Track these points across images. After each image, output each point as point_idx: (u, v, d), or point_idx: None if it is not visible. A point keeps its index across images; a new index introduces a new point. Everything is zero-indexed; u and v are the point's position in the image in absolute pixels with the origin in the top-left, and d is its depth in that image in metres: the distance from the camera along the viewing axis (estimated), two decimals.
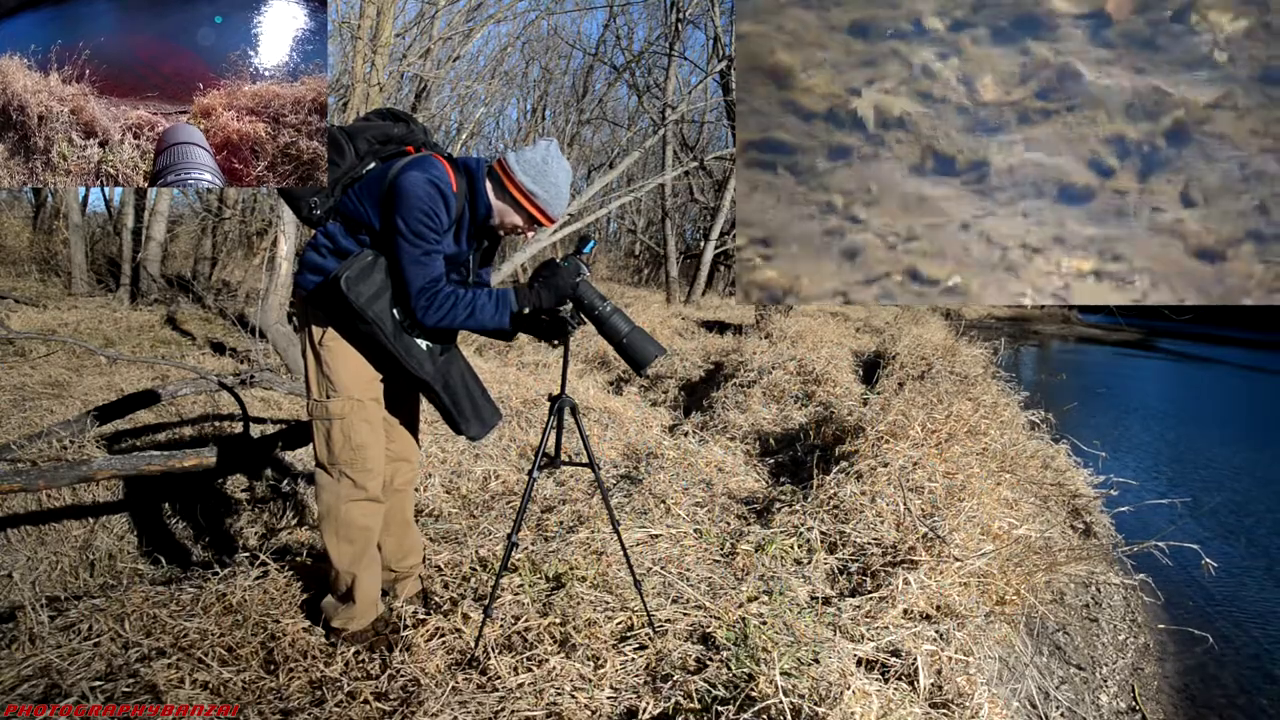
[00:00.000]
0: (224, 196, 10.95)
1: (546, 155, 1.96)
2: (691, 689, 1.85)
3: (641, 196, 15.73)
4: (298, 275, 2.03)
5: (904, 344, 7.22)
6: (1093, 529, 4.00)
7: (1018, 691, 2.45)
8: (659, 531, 2.89)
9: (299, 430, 3.34)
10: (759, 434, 4.67)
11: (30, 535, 3.16)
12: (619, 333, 1.97)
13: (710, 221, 14.82)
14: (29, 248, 11.38)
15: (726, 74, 10.81)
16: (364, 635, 2.11)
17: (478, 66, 13.06)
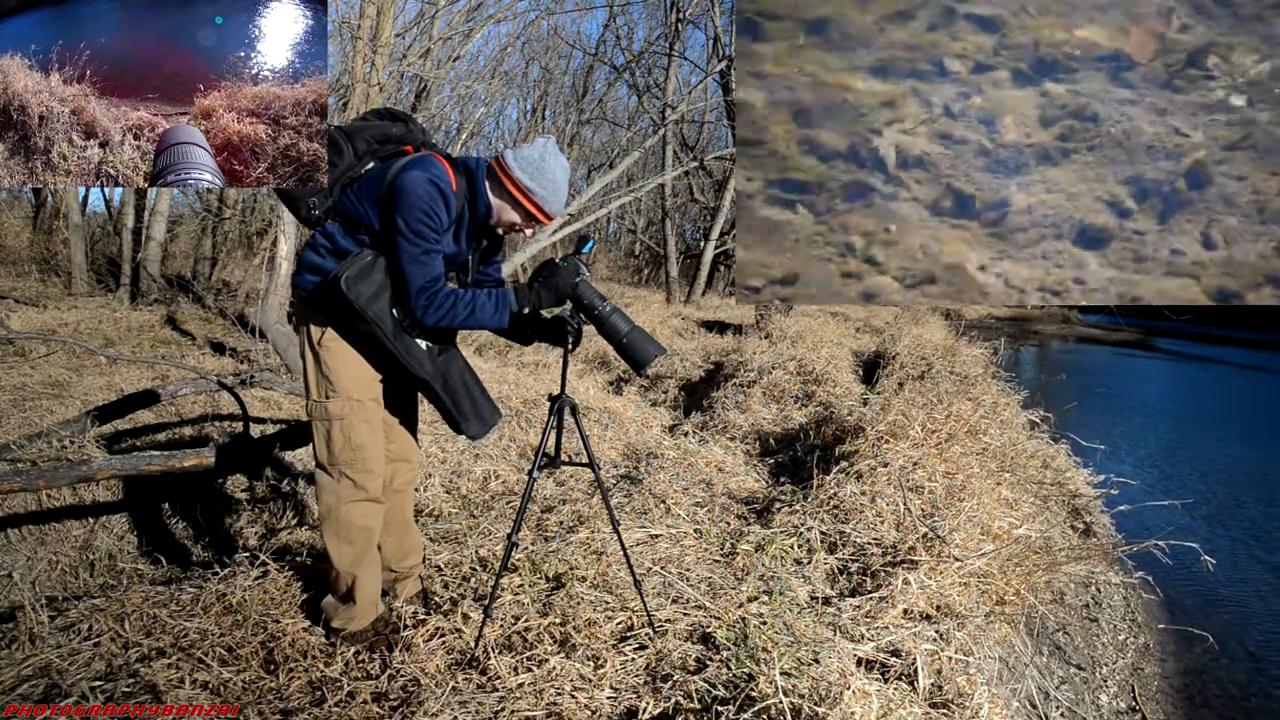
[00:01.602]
0: (224, 197, 10.95)
1: (544, 153, 1.96)
2: (691, 689, 1.85)
3: (641, 196, 15.72)
4: (296, 276, 2.03)
5: (904, 344, 7.21)
6: (1093, 529, 4.00)
7: (1018, 691, 2.45)
8: (659, 531, 2.89)
9: (299, 430, 3.34)
10: (759, 434, 4.67)
11: (30, 535, 3.16)
12: (619, 332, 1.97)
13: (710, 221, 14.82)
14: (29, 248, 11.37)
15: (726, 74, 10.81)
16: (364, 635, 2.11)
17: (478, 66, 13.07)
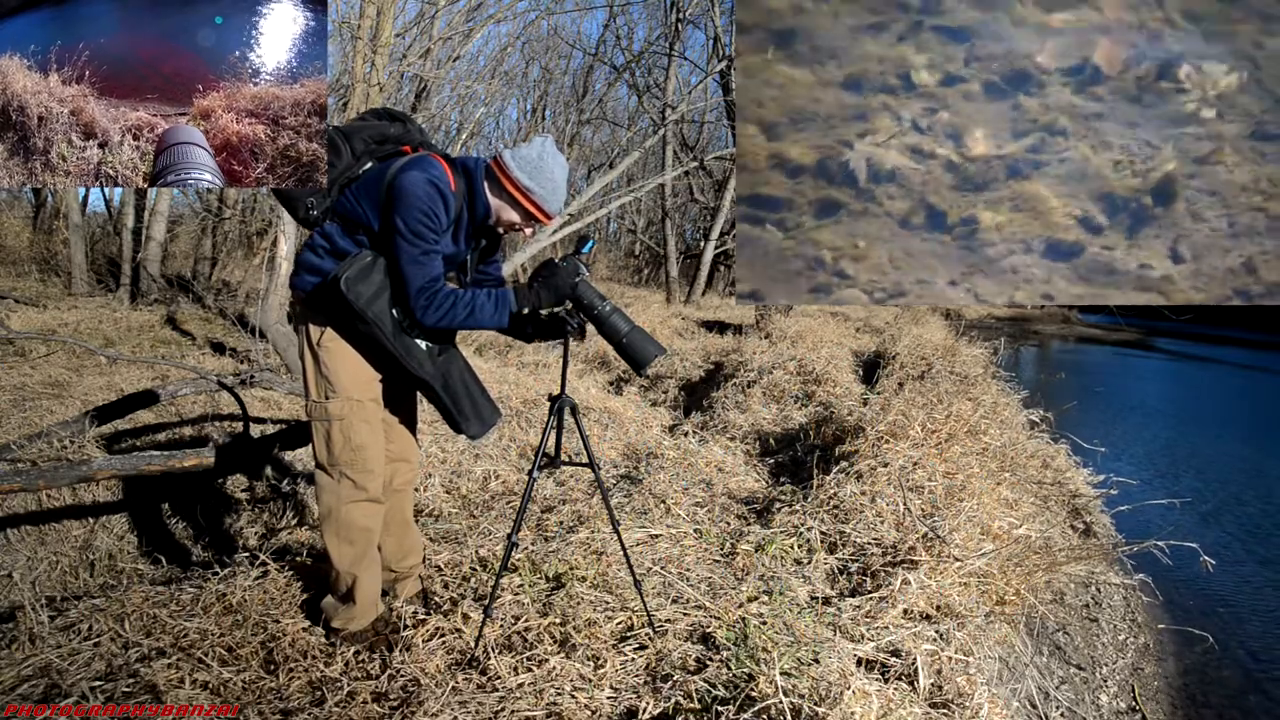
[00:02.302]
0: (224, 197, 10.95)
1: (542, 151, 1.96)
2: (691, 689, 1.85)
3: (641, 196, 15.72)
4: (294, 276, 2.02)
5: (904, 344, 7.21)
6: (1093, 529, 4.00)
7: (1018, 691, 2.45)
8: (659, 531, 2.89)
9: (299, 430, 3.34)
10: (759, 434, 4.67)
11: (30, 535, 3.15)
12: (618, 332, 1.97)
13: (710, 221, 14.82)
14: (29, 248, 11.37)
15: (726, 74, 10.81)
16: (364, 635, 2.11)
17: (478, 66, 13.06)
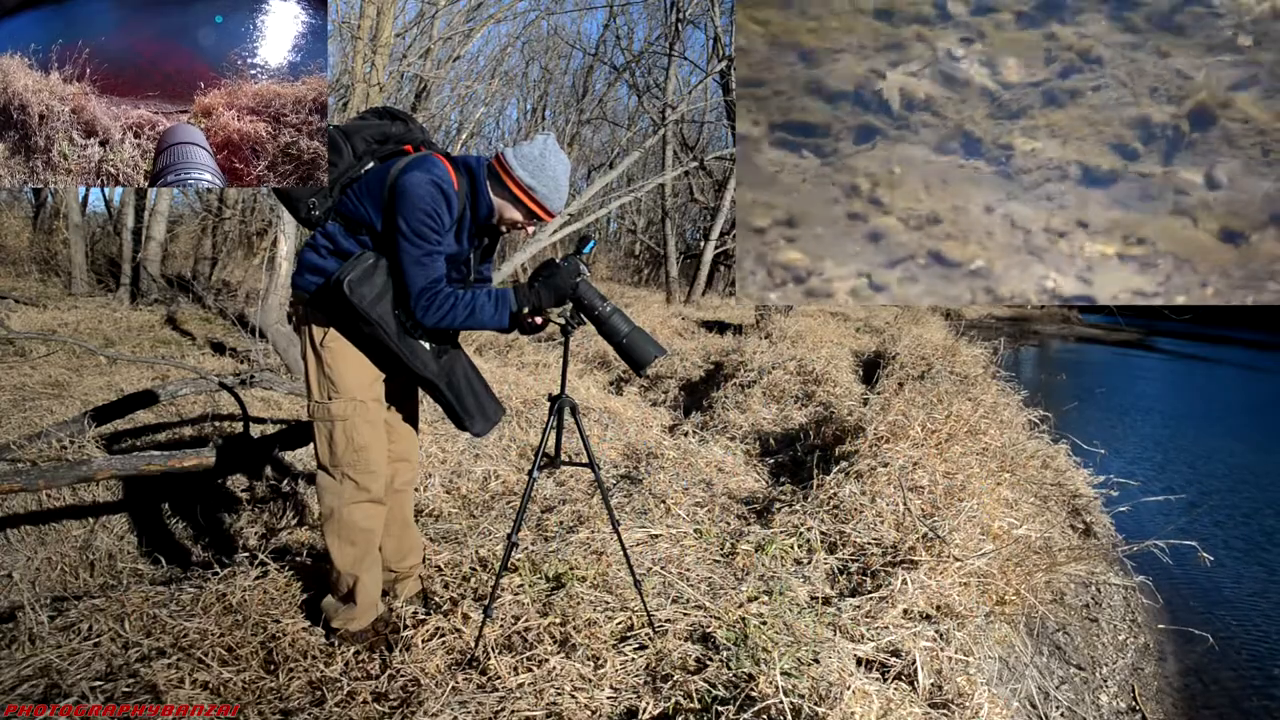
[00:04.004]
0: (224, 196, 10.95)
1: (544, 150, 1.96)
2: (691, 689, 1.85)
3: (641, 196, 15.71)
4: (296, 276, 2.02)
5: (904, 344, 7.21)
6: (1093, 529, 4.00)
7: (1018, 691, 2.45)
8: (659, 531, 2.88)
9: (299, 430, 3.34)
10: (759, 434, 4.67)
11: (30, 535, 3.15)
12: (619, 333, 1.97)
13: (710, 221, 14.80)
14: (29, 248, 11.36)
15: (726, 74, 10.81)
16: (364, 635, 2.10)
17: (478, 66, 13.02)
